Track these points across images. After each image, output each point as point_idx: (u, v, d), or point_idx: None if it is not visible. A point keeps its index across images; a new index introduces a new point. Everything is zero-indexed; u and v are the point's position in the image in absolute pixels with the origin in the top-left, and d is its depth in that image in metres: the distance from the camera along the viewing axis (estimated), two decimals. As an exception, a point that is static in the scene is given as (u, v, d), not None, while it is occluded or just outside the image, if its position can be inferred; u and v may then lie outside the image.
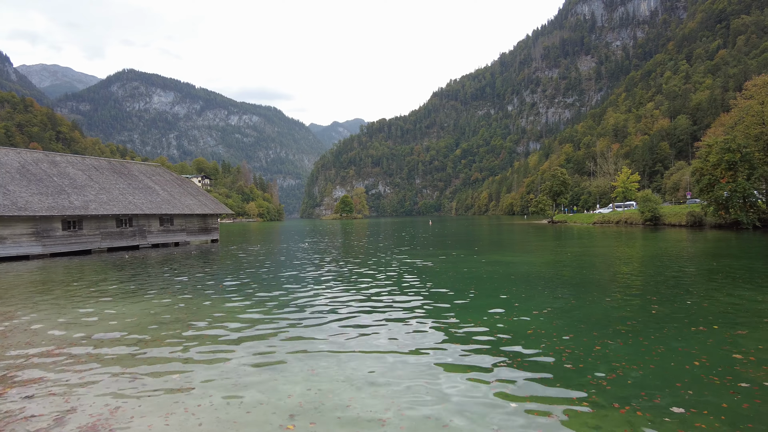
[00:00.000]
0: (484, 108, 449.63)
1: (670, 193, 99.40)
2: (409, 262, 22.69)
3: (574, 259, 23.52)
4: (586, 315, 10.82)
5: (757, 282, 14.89)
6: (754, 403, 5.67)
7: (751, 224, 42.05)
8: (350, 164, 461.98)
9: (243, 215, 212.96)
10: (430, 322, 10.43)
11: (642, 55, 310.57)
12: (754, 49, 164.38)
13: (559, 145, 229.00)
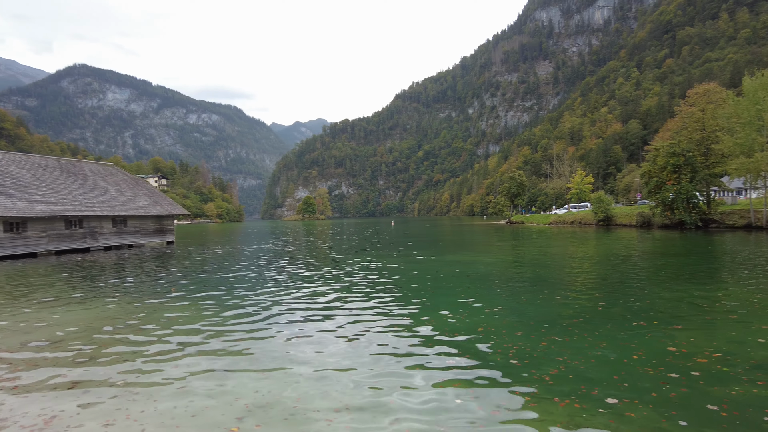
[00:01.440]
0: (446, 111, 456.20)
1: (622, 195, 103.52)
2: (370, 263, 22.75)
3: (530, 259, 24.20)
4: (536, 312, 11.16)
5: (696, 279, 15.74)
6: (680, 392, 6.02)
7: (693, 224, 44.38)
8: (313, 165, 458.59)
9: (201, 216, 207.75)
10: (386, 321, 10.51)
11: (597, 61, 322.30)
12: (697, 59, 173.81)
13: (518, 148, 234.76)
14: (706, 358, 7.37)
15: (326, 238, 51.82)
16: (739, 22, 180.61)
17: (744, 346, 8.01)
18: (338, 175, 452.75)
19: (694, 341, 8.36)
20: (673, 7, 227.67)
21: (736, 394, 5.91)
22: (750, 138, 40.13)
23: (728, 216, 45.01)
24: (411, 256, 26.00)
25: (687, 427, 5.10)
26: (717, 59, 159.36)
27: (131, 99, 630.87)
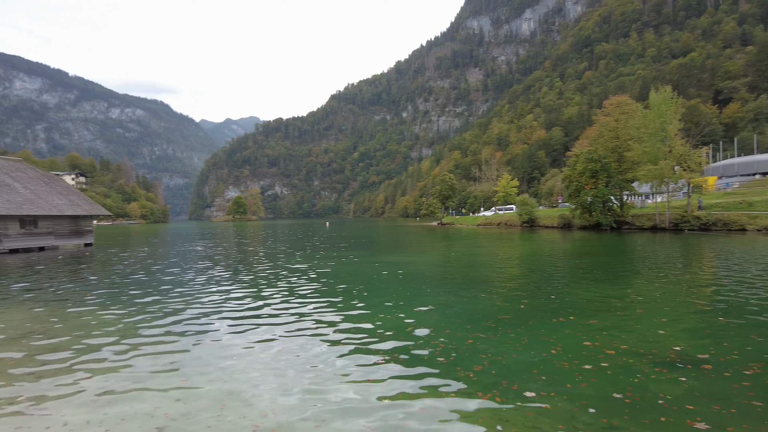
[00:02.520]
0: (381, 113, 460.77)
1: (545, 198, 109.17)
2: (304, 265, 22.46)
3: (459, 259, 24.96)
4: (463, 311, 11.53)
5: (610, 277, 16.94)
6: (591, 383, 6.47)
7: (608, 225, 47.75)
8: (245, 164, 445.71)
9: (123, 217, 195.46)
10: (317, 323, 10.42)
11: (523, 70, 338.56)
12: (612, 73, 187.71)
13: (449, 152, 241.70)
14: (614, 350, 7.96)
15: (258, 239, 50.53)
16: (647, 42, 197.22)
17: (647, 337, 8.73)
18: (271, 174, 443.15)
19: (606, 335, 8.99)
20: (591, 24, 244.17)
21: (638, 382, 6.44)
22: (656, 147, 43.81)
23: (638, 218, 48.85)
24: (346, 258, 25.97)
25: (595, 414, 5.49)
26: (628, 74, 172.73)
27: (44, 89, 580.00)
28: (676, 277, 16.39)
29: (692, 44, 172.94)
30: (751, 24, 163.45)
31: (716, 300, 12.35)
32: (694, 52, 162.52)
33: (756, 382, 6.40)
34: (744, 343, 8.21)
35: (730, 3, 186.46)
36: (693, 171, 45.08)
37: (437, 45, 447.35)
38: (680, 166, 44.26)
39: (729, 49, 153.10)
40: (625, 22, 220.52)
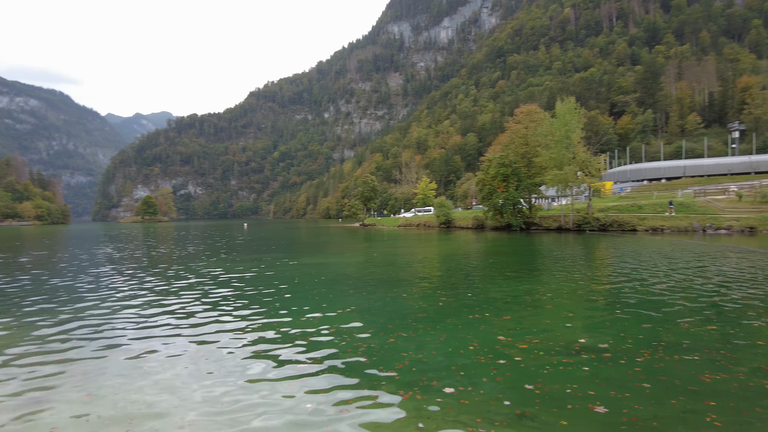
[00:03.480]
0: (302, 113, 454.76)
1: (460, 200, 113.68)
2: (220, 269, 21.54)
3: (380, 260, 25.25)
4: (385, 311, 11.66)
5: (521, 275, 17.96)
6: (505, 376, 6.82)
7: (518, 226, 50.67)
8: (155, 161, 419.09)
9: (14, 217, 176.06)
10: (236, 328, 10.03)
11: (441, 77, 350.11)
12: (523, 83, 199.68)
13: (371, 154, 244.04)
14: (527, 344, 8.44)
15: (168, 241, 47.74)
16: (553, 55, 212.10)
17: (555, 331, 9.36)
18: (185, 173, 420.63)
19: (519, 330, 9.51)
20: (504, 35, 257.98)
21: (548, 373, 6.88)
22: (561, 154, 47.20)
23: (545, 219, 52.31)
24: (265, 261, 25.27)
25: (510, 406, 5.78)
26: (537, 84, 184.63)
27: None
28: (579, 274, 17.73)
29: (592, 60, 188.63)
30: (638, 46, 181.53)
31: (614, 295, 13.53)
32: (593, 67, 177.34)
33: (646, 367, 7.09)
34: (637, 333, 9.06)
35: (622, 26, 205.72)
36: (593, 176, 49.13)
37: (359, 47, 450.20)
38: (582, 172, 48.01)
39: (622, 66, 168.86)
40: (535, 36, 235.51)
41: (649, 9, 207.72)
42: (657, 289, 13.73)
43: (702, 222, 41.88)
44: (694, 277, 15.82)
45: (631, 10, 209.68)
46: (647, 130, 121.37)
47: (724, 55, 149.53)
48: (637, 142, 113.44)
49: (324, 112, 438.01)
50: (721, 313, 10.68)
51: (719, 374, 6.75)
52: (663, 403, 5.79)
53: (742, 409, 5.61)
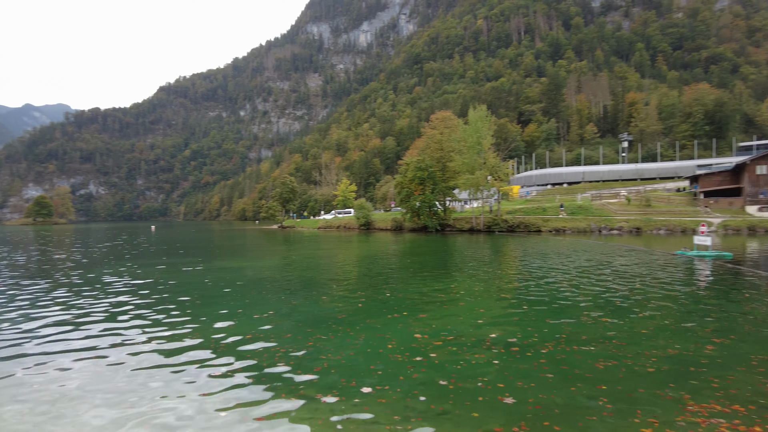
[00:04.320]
0: (217, 110, 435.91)
1: (380, 202, 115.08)
2: (124, 276, 20.06)
3: (300, 262, 24.92)
4: (304, 314, 11.54)
5: (437, 274, 18.58)
6: (421, 373, 7.04)
7: (434, 228, 52.36)
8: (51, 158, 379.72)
9: None
10: (146, 335, 9.43)
11: (361, 80, 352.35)
12: (438, 90, 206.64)
13: (289, 155, 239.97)
14: (441, 340, 8.77)
15: (65, 246, 43.62)
16: (467, 64, 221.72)
17: (468, 327, 9.80)
18: (85, 171, 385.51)
19: (434, 327, 9.85)
20: (421, 43, 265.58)
21: (461, 368, 7.20)
22: (473, 159, 49.50)
23: (458, 221, 54.51)
24: (175, 265, 23.93)
25: (425, 402, 5.98)
26: (452, 92, 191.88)
27: None
28: (490, 273, 18.71)
29: (502, 71, 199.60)
30: (544, 59, 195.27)
31: (521, 291, 14.44)
32: (503, 77, 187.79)
33: (549, 358, 7.66)
34: (542, 327, 9.74)
35: (530, 40, 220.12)
36: (502, 181, 52.08)
37: (277, 46, 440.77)
38: (492, 176, 50.67)
39: (529, 78, 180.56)
40: (450, 44, 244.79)
41: (553, 26, 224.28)
42: (559, 286, 14.85)
43: (598, 223, 45.90)
44: (591, 274, 17.30)
45: (537, 25, 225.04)
46: (551, 138, 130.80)
47: (615, 72, 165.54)
48: (542, 149, 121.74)
49: (240, 109, 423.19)
50: (613, 306, 11.79)
51: (611, 361, 7.45)
52: (564, 390, 6.29)
53: (628, 391, 6.24)
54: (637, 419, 5.42)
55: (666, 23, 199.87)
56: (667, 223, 44.09)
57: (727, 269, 18.39)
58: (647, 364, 7.31)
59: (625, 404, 5.83)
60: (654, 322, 10.04)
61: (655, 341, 8.58)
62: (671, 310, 11.21)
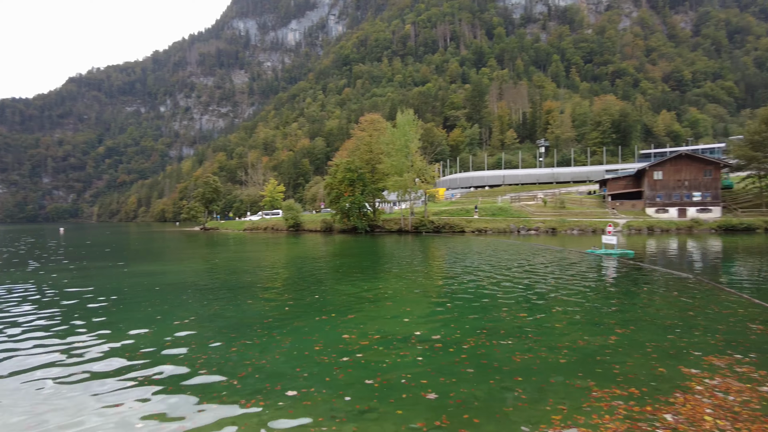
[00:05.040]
0: (134, 105, 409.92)
1: (309, 203, 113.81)
2: (29, 283, 18.34)
3: (224, 266, 24.06)
4: (228, 319, 11.18)
5: (366, 275, 18.72)
6: (347, 373, 7.10)
7: (364, 229, 52.63)
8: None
9: None
10: (56, 345, 8.69)
11: (289, 79, 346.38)
12: (368, 92, 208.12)
13: (213, 153, 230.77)
14: (368, 340, 8.87)
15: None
16: (395, 68, 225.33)
17: (394, 326, 9.98)
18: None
19: (362, 327, 9.93)
20: (350, 44, 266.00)
21: (386, 366, 7.34)
22: (401, 161, 50.36)
23: (387, 222, 55.20)
24: (87, 270, 22.23)
25: (350, 402, 6.05)
26: (381, 95, 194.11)
27: None
28: (417, 272, 19.14)
29: (429, 76, 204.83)
30: (468, 66, 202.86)
31: (446, 289, 14.92)
32: (430, 83, 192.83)
33: (471, 353, 8.00)
34: (464, 323, 10.14)
35: (455, 47, 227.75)
36: (429, 183, 53.40)
37: (201, 40, 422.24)
38: (419, 179, 51.83)
39: (454, 84, 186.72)
40: (379, 48, 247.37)
41: (477, 34, 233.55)
42: (481, 284, 15.50)
43: (517, 224, 48.37)
44: (510, 272, 18.22)
45: (462, 33, 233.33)
46: (474, 143, 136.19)
47: (534, 81, 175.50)
48: (466, 153, 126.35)
49: (160, 105, 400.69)
50: (530, 302, 12.52)
51: (527, 354, 7.92)
52: (483, 383, 6.60)
53: (541, 381, 6.68)
54: (548, 407, 5.82)
55: (578, 38, 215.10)
56: (580, 223, 47.42)
57: (630, 266, 20.12)
58: (559, 355, 7.85)
59: (538, 394, 6.23)
60: (566, 316, 10.78)
61: (567, 334, 9.22)
62: (582, 305, 12.09)
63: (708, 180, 51.99)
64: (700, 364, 7.32)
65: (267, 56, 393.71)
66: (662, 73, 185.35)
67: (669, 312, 11.30)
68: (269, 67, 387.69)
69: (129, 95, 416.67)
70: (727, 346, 8.24)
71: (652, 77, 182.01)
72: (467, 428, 5.34)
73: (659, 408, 5.71)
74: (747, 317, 10.46)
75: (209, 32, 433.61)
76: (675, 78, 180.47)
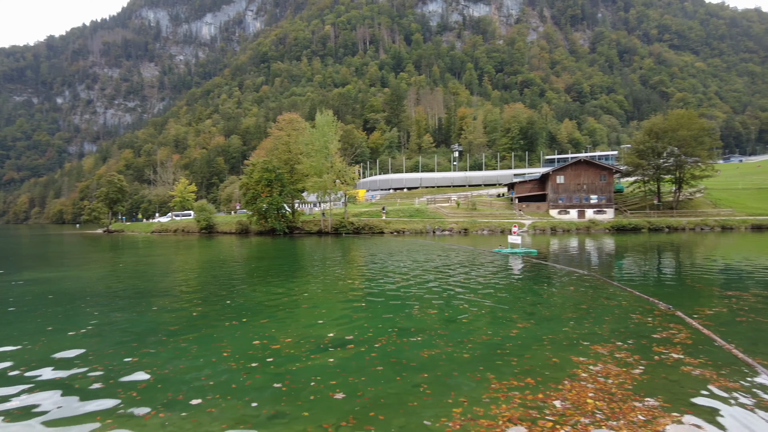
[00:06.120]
0: (25, 94, 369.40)
1: (224, 204, 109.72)
2: None
3: (129, 270, 22.54)
4: (130, 328, 10.52)
5: (282, 278, 18.40)
6: (255, 379, 7.00)
7: (282, 231, 51.66)
8: None
9: None
10: None
11: (203, 74, 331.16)
12: (287, 91, 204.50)
13: (119, 150, 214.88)
14: (279, 344, 8.77)
15: None
16: (315, 69, 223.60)
17: (308, 329, 9.96)
18: None
19: (274, 331, 9.79)
20: (268, 42, 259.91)
21: (296, 369, 7.32)
22: (320, 162, 50.10)
23: (307, 224, 54.62)
24: (-41, 278, 19.78)
25: (257, 407, 5.98)
26: (300, 94, 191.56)
27: None
28: (334, 274, 19.16)
29: (349, 78, 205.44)
30: (387, 71, 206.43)
31: (363, 290, 15.09)
32: (350, 84, 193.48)
33: (381, 352, 8.19)
34: (377, 323, 10.34)
35: (374, 51, 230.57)
36: (348, 184, 53.57)
37: (105, 28, 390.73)
38: (339, 180, 51.86)
39: (374, 87, 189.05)
40: (298, 47, 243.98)
41: (395, 39, 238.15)
42: (396, 283, 15.86)
43: (432, 225, 50.00)
44: (424, 271, 18.81)
45: (382, 37, 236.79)
46: (393, 146, 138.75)
47: (449, 88, 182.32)
48: (385, 155, 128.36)
49: (57, 96, 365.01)
50: (441, 299, 13.03)
51: (434, 350, 8.26)
52: (391, 381, 6.80)
53: (445, 376, 7.01)
54: (450, 400, 6.12)
55: (490, 48, 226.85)
56: (489, 224, 50.01)
57: (533, 263, 21.57)
58: (464, 350, 8.26)
59: (442, 388, 6.53)
60: (474, 312, 11.37)
61: (472, 329, 9.72)
62: (488, 301, 12.79)
63: (603, 184, 57.01)
64: (587, 352, 8.05)
65: (180, 49, 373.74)
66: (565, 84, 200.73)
67: (565, 306, 12.30)
68: (182, 60, 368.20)
69: (18, 83, 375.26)
70: (611, 335, 9.12)
71: (556, 88, 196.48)
72: (373, 425, 5.48)
73: (549, 395, 6.21)
74: (629, 309, 11.64)
75: (114, 20, 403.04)
76: (576, 90, 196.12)
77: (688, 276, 18.13)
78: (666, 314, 10.83)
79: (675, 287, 15.75)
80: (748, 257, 24.16)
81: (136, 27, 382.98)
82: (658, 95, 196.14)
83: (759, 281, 16.17)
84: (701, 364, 7.35)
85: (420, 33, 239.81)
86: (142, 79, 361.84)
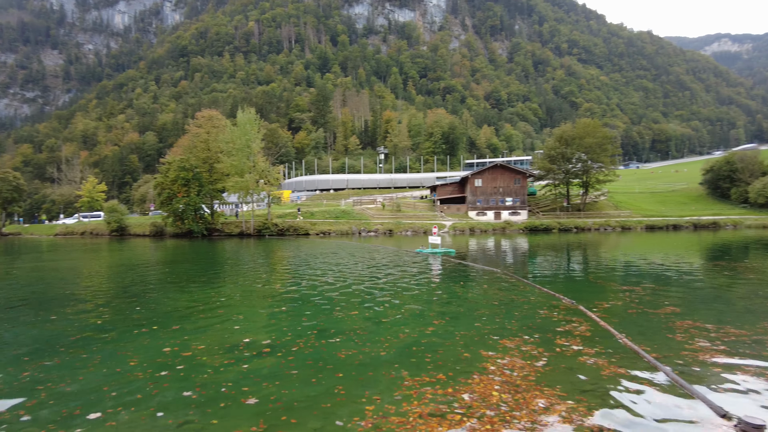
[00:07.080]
0: None
1: (137, 205, 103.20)
2: None
3: (25, 277, 20.55)
4: (23, 340, 9.63)
5: (199, 283, 17.64)
6: (163, 388, 6.68)
7: (200, 233, 49.52)
8: None
9: None
10: None
11: (116, 66, 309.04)
12: (207, 87, 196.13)
13: (15, 144, 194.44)
14: (192, 351, 8.43)
15: None
16: (238, 65, 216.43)
17: (224, 335, 9.65)
18: None
19: (187, 339, 9.38)
20: (188, 35, 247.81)
21: (208, 377, 7.08)
22: (242, 161, 48.66)
23: (227, 225, 52.77)
24: None
25: (164, 417, 5.71)
26: (222, 90, 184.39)
27: None
28: (255, 277, 18.70)
29: (273, 76, 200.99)
30: (313, 70, 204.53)
31: (284, 293, 14.88)
32: (274, 83, 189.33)
33: (298, 355, 8.13)
34: (297, 325, 10.25)
35: (300, 50, 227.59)
36: (272, 185, 52.45)
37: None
38: (263, 180, 50.64)
39: (299, 86, 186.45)
40: (220, 42, 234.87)
41: (321, 40, 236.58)
42: (319, 285, 15.79)
43: (358, 226, 50.27)
44: (348, 272, 18.87)
45: (307, 36, 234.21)
46: (319, 147, 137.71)
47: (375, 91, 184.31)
48: (311, 156, 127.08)
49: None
50: (363, 299, 13.16)
51: (351, 350, 8.34)
52: (306, 384, 6.78)
53: (360, 375, 7.12)
54: (364, 399, 6.22)
55: (415, 53, 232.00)
56: (413, 225, 51.16)
57: (452, 263, 22.37)
58: (381, 349, 8.41)
59: (356, 388, 6.62)
60: (393, 311, 11.60)
61: (390, 328, 9.92)
62: (408, 300, 13.10)
63: (517, 187, 60.27)
64: (496, 346, 8.50)
65: (88, 38, 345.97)
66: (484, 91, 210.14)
67: (479, 303, 12.90)
68: (91, 50, 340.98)
69: None
70: (519, 330, 9.68)
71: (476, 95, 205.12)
72: (284, 429, 5.45)
73: (459, 389, 6.49)
74: (537, 304, 12.42)
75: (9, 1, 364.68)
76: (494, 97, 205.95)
77: (591, 272, 19.66)
78: (570, 309, 11.66)
79: (579, 283, 17.03)
80: (643, 255, 26.67)
81: (35, 9, 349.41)
82: (569, 105, 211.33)
83: (649, 276, 17.91)
84: (596, 354, 8.01)
85: (346, 35, 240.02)
86: (44, 67, 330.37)
